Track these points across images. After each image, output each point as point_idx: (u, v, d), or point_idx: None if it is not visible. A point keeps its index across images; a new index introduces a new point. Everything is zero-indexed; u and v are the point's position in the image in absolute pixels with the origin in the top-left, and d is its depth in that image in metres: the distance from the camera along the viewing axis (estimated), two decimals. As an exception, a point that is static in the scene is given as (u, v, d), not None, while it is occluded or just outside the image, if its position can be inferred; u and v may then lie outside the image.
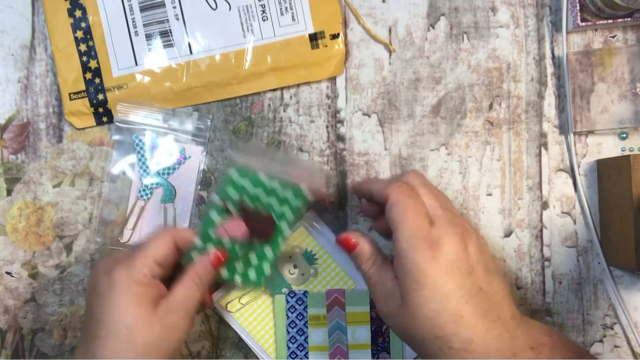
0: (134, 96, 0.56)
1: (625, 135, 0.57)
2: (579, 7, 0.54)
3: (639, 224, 0.50)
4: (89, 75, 0.56)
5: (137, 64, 0.56)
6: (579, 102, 0.55)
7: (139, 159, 0.56)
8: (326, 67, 0.56)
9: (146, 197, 0.56)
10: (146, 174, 0.56)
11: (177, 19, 0.56)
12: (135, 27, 0.56)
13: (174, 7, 0.56)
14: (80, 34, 0.56)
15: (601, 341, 0.56)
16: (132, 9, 0.56)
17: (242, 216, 0.50)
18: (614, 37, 0.57)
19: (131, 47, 0.56)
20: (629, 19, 0.54)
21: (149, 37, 0.56)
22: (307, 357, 0.55)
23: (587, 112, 0.56)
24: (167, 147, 0.56)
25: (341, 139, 0.57)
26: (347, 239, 0.47)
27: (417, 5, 0.57)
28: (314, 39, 0.56)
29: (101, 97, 0.56)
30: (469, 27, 0.57)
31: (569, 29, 0.56)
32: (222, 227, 0.50)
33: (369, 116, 0.57)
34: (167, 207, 0.57)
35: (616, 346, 0.56)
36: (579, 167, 0.57)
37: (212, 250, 0.49)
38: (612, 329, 0.56)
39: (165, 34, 0.56)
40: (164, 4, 0.56)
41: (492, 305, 0.43)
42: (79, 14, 0.56)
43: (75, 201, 0.57)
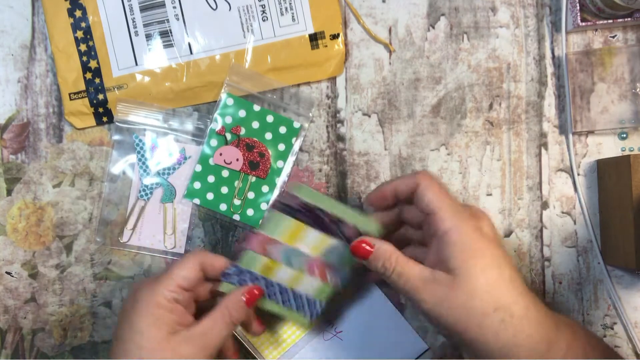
0: (134, 96, 0.56)
1: (625, 135, 0.57)
2: (579, 7, 0.54)
3: (639, 224, 0.50)
4: (89, 75, 0.56)
5: (137, 64, 0.56)
6: (579, 102, 0.55)
7: (139, 159, 0.56)
8: (326, 67, 0.56)
9: (146, 197, 0.56)
10: (146, 174, 0.56)
11: (177, 19, 0.56)
12: (135, 27, 0.56)
13: (174, 7, 0.56)
14: (80, 34, 0.56)
15: (601, 341, 0.57)
16: (132, 9, 0.56)
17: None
18: (614, 37, 0.57)
19: (131, 47, 0.56)
20: (629, 19, 0.54)
21: (149, 37, 0.56)
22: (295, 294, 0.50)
23: (587, 112, 0.56)
24: (167, 147, 0.56)
25: (341, 139, 0.57)
26: (361, 244, 0.46)
27: (417, 5, 0.57)
28: (314, 39, 0.56)
29: (101, 97, 0.56)
30: (469, 27, 0.57)
31: (568, 29, 0.56)
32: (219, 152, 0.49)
33: (369, 116, 0.57)
34: (167, 207, 0.57)
35: (616, 346, 0.56)
36: (578, 167, 0.57)
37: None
38: (612, 329, 0.56)
39: (165, 34, 0.56)
40: (164, 4, 0.56)
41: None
42: (79, 14, 0.56)
43: (75, 201, 0.57)
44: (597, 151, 0.57)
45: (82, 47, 0.56)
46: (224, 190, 0.55)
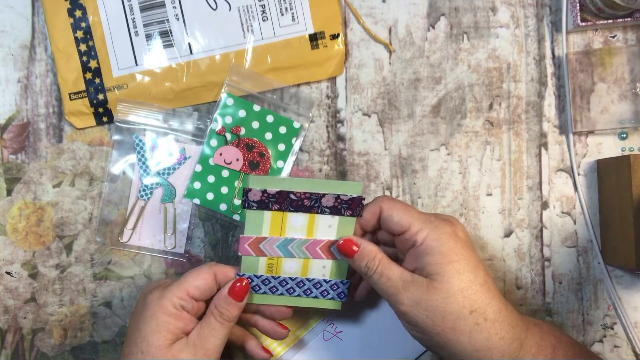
0: (134, 96, 0.56)
1: (625, 135, 0.57)
2: (579, 7, 0.54)
3: (639, 224, 0.50)
4: (89, 75, 0.56)
5: (137, 64, 0.56)
6: (579, 102, 0.55)
7: (139, 159, 0.56)
8: (326, 67, 0.56)
9: (146, 197, 0.56)
10: (146, 174, 0.56)
11: (177, 19, 0.56)
12: (135, 27, 0.56)
13: (174, 7, 0.56)
14: (80, 34, 0.56)
15: (601, 341, 0.56)
16: (132, 9, 0.56)
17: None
18: (614, 37, 0.57)
19: (131, 47, 0.56)
20: (629, 19, 0.54)
21: (149, 37, 0.56)
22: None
23: (587, 112, 0.56)
24: (167, 147, 0.56)
25: (341, 139, 0.57)
26: (348, 244, 0.47)
27: (417, 5, 0.57)
28: (314, 39, 0.56)
29: (101, 97, 0.56)
30: (469, 27, 0.57)
31: (569, 29, 0.56)
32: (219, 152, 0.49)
33: (369, 116, 0.57)
34: (167, 207, 0.57)
35: (616, 346, 0.56)
36: (579, 167, 0.57)
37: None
38: (612, 329, 0.56)
39: (165, 34, 0.56)
40: (164, 4, 0.56)
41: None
42: (79, 14, 0.56)
43: (75, 201, 0.57)
44: (597, 151, 0.57)
45: (82, 47, 0.56)
46: (224, 190, 0.55)
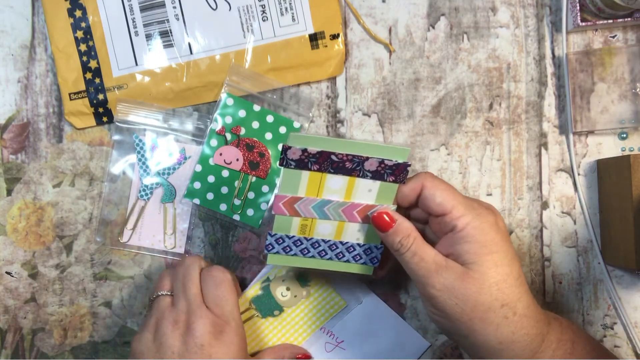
0: (134, 96, 0.56)
1: (625, 135, 0.57)
2: (579, 7, 0.54)
3: (639, 224, 0.50)
4: (89, 75, 0.56)
5: (137, 64, 0.56)
6: (579, 102, 0.55)
7: (139, 159, 0.56)
8: (326, 67, 0.56)
9: (146, 197, 0.56)
10: (146, 174, 0.56)
11: (177, 19, 0.56)
12: (135, 27, 0.56)
13: (174, 7, 0.56)
14: (80, 34, 0.56)
15: (601, 341, 0.56)
16: (132, 9, 0.56)
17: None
18: (614, 37, 0.57)
19: (131, 47, 0.56)
20: (629, 19, 0.54)
21: (149, 37, 0.56)
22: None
23: (587, 112, 0.56)
24: (167, 147, 0.56)
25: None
26: (384, 216, 0.45)
27: (417, 5, 0.57)
28: (314, 39, 0.56)
29: (101, 97, 0.56)
30: (469, 27, 0.57)
31: (569, 29, 0.56)
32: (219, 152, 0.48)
33: (369, 116, 0.57)
34: (167, 207, 0.57)
35: (616, 346, 0.56)
36: (579, 167, 0.57)
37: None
38: (612, 329, 0.56)
39: (165, 34, 0.56)
40: (164, 4, 0.56)
41: None
42: (79, 14, 0.56)
43: (75, 201, 0.57)
44: (597, 151, 0.57)
45: (82, 47, 0.56)
46: (224, 190, 0.55)
